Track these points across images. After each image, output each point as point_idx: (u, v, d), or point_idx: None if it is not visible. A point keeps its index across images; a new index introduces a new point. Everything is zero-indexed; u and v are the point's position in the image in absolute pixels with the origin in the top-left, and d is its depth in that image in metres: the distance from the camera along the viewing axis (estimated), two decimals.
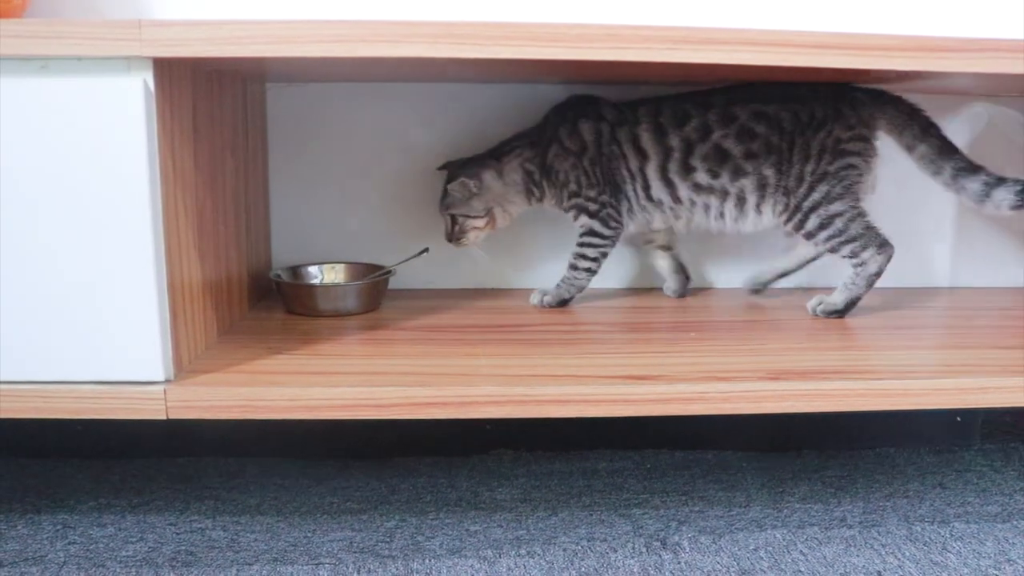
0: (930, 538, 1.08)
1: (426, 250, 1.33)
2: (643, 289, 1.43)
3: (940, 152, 1.20)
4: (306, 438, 1.33)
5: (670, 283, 1.38)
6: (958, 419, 1.42)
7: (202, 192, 1.03)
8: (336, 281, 1.33)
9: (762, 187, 1.21)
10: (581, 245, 1.26)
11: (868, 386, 0.96)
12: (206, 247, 1.05)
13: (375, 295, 1.27)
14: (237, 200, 1.18)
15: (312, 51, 0.85)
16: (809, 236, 1.21)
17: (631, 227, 1.28)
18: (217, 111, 1.09)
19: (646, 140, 1.22)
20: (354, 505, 1.17)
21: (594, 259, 1.27)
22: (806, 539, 1.07)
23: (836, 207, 1.19)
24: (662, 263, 1.38)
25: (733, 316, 1.27)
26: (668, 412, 0.94)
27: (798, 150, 1.19)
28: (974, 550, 1.05)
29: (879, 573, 0.99)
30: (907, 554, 1.04)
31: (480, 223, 1.28)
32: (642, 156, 1.23)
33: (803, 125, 1.19)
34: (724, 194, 1.22)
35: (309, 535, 1.08)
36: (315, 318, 1.22)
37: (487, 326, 1.19)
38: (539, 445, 1.36)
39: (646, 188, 1.24)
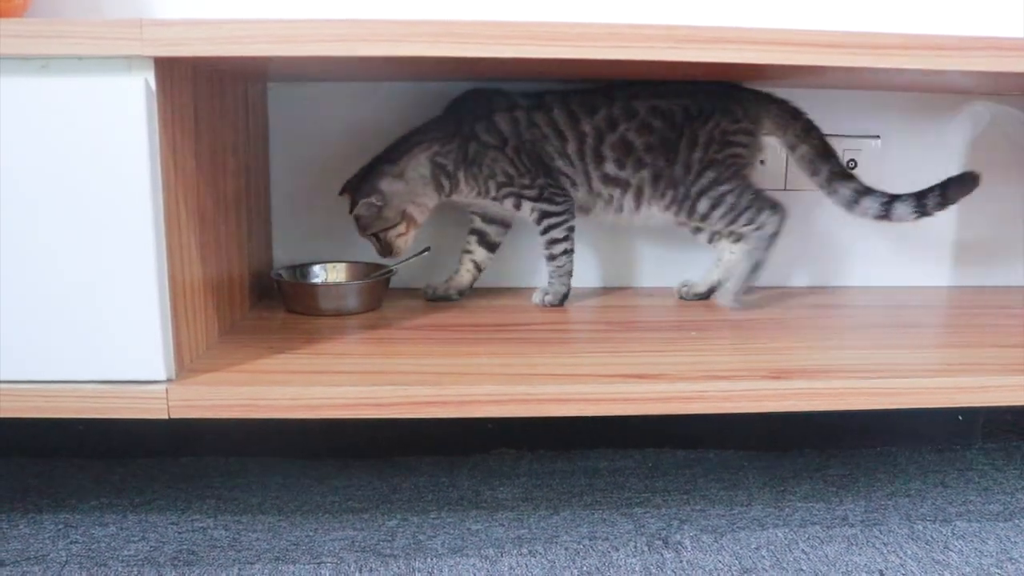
0: (932, 537, 1.08)
1: (427, 249, 1.33)
2: (644, 288, 1.43)
3: (819, 154, 1.24)
4: (307, 437, 1.34)
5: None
6: (960, 418, 1.42)
7: (203, 192, 1.03)
8: (337, 280, 1.33)
9: (656, 178, 1.23)
10: (545, 231, 1.26)
11: (869, 385, 0.95)
12: (207, 247, 1.05)
13: (376, 294, 1.27)
14: (238, 200, 1.19)
15: (313, 50, 0.85)
16: (703, 219, 1.23)
17: (579, 196, 1.27)
18: (218, 111, 1.09)
19: (563, 123, 1.23)
20: (356, 504, 1.17)
21: (564, 238, 1.26)
22: (808, 538, 1.07)
23: (724, 187, 1.22)
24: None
25: (734, 315, 1.27)
26: (669, 411, 0.94)
27: (686, 140, 1.21)
28: (976, 549, 1.05)
29: (881, 572, 0.99)
30: (909, 553, 1.04)
31: (401, 228, 1.26)
32: (561, 137, 1.23)
33: (692, 117, 1.21)
34: (626, 186, 1.24)
35: (311, 534, 1.08)
36: (316, 317, 1.22)
37: (488, 325, 1.19)
38: (540, 444, 1.36)
39: (572, 168, 1.25)
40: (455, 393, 0.92)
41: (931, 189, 1.20)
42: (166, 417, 0.91)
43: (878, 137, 1.42)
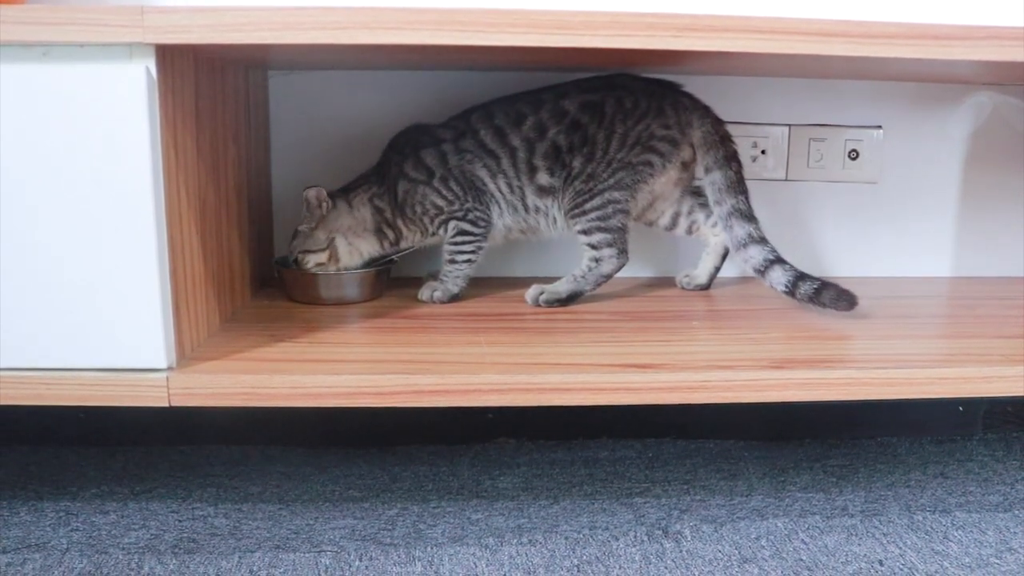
0: (931, 527, 1.08)
1: None
2: (646, 278, 1.43)
3: (730, 186, 1.22)
4: (308, 426, 1.34)
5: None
6: (960, 408, 1.42)
7: (204, 180, 1.03)
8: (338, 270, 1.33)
9: (572, 176, 1.21)
10: (455, 244, 1.24)
11: (871, 375, 0.95)
12: (208, 235, 1.05)
13: (377, 284, 1.27)
14: (240, 188, 1.18)
15: (315, 37, 0.84)
16: (582, 213, 1.20)
17: (506, 220, 1.26)
18: (219, 99, 1.09)
19: (491, 143, 1.22)
20: (356, 493, 1.17)
21: (472, 251, 1.25)
22: (808, 528, 1.07)
23: (617, 195, 1.20)
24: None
25: (736, 305, 1.27)
26: (671, 401, 0.94)
27: (618, 137, 1.19)
28: (975, 539, 1.05)
29: (880, 562, 1.00)
30: (908, 543, 1.04)
31: (322, 257, 1.24)
32: (493, 156, 1.22)
33: (625, 112, 1.20)
34: (555, 192, 1.23)
35: (311, 523, 1.08)
36: (317, 306, 1.22)
37: (489, 314, 1.19)
38: (541, 433, 1.36)
39: (510, 189, 1.24)
40: (456, 382, 0.92)
41: (813, 278, 1.16)
42: (167, 405, 0.91)
43: (880, 127, 1.42)
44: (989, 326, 1.17)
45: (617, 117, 1.19)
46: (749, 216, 1.21)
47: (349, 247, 1.26)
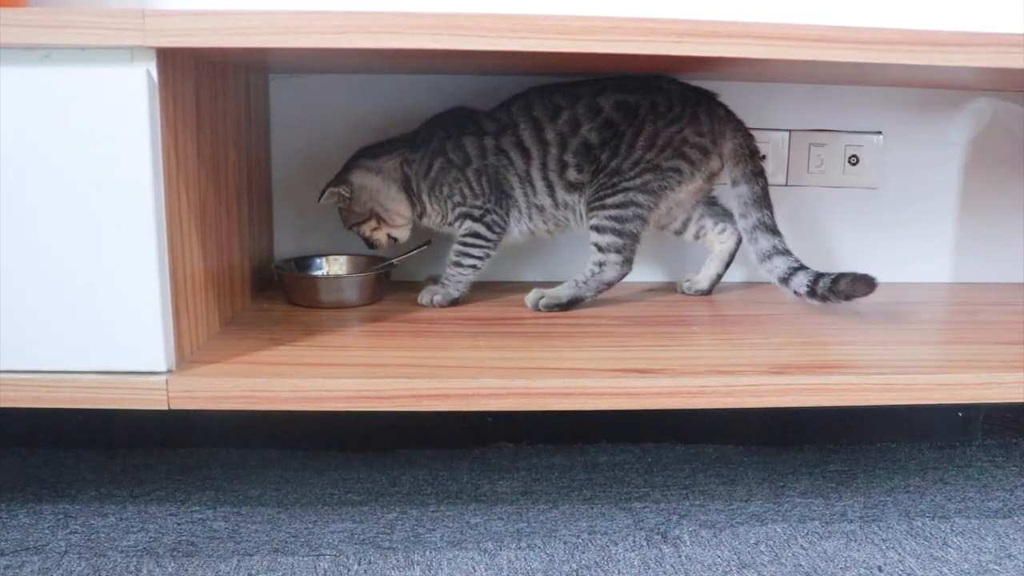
0: (931, 533, 1.08)
1: (428, 243, 1.33)
2: (646, 283, 1.43)
3: (756, 200, 1.22)
4: (307, 429, 1.34)
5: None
6: (960, 414, 1.42)
7: (205, 183, 1.03)
8: (338, 273, 1.33)
9: (598, 171, 1.21)
10: (464, 245, 1.24)
11: (870, 381, 0.96)
12: (208, 238, 1.05)
13: (377, 287, 1.27)
14: (240, 191, 1.18)
15: (316, 42, 0.84)
16: (602, 208, 1.20)
17: (524, 225, 1.26)
18: (220, 102, 1.09)
19: (528, 139, 1.22)
20: (355, 497, 1.17)
21: (479, 257, 1.25)
22: (807, 533, 1.07)
23: (641, 198, 1.19)
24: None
25: (735, 310, 1.27)
26: (670, 406, 0.94)
27: (645, 136, 1.19)
28: (975, 545, 1.05)
29: (879, 568, 1.00)
30: (907, 549, 1.04)
31: (373, 224, 1.27)
32: (527, 156, 1.22)
33: (657, 113, 1.19)
34: (582, 188, 1.23)
35: (310, 526, 1.08)
36: (317, 310, 1.22)
37: (489, 319, 1.19)
38: (540, 438, 1.36)
39: (534, 192, 1.24)
40: (455, 386, 0.92)
41: (829, 274, 1.16)
42: (166, 408, 0.91)
43: (880, 133, 1.42)
44: (988, 332, 1.17)
45: (648, 117, 1.19)
46: (774, 230, 1.22)
47: (387, 212, 1.27)
